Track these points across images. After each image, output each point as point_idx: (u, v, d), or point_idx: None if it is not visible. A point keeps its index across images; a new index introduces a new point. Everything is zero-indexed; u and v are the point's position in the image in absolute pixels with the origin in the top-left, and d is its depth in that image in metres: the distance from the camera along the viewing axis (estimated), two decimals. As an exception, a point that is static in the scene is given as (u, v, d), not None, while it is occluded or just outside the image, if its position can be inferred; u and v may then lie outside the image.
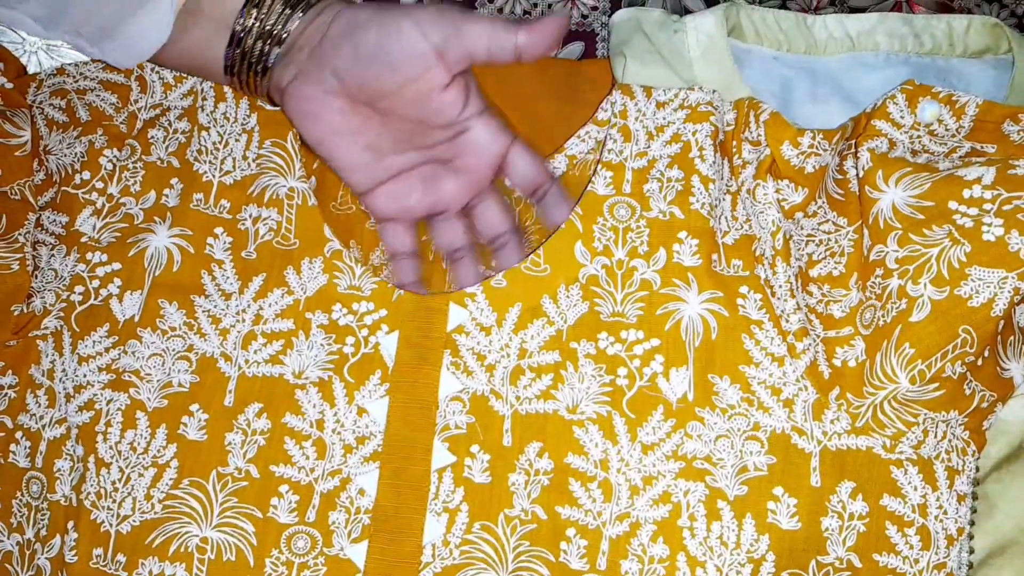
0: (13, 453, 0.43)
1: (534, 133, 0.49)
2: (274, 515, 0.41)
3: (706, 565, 0.40)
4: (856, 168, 0.42)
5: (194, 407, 0.42)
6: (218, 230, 0.45)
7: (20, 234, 0.45)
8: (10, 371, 0.44)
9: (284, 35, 0.42)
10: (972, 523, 0.41)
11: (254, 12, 0.42)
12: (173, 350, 0.43)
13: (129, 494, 0.41)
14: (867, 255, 0.41)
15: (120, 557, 0.40)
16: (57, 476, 0.42)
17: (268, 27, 0.42)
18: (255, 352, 0.43)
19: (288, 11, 0.42)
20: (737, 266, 0.43)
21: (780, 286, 0.43)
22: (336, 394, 0.42)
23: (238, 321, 0.43)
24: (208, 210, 0.45)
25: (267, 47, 0.42)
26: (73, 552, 0.40)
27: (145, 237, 0.44)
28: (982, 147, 0.42)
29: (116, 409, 0.42)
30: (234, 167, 0.46)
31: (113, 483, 0.41)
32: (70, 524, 0.41)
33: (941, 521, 0.40)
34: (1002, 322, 0.39)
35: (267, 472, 0.41)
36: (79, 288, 0.44)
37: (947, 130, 0.42)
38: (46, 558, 0.41)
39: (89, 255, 0.44)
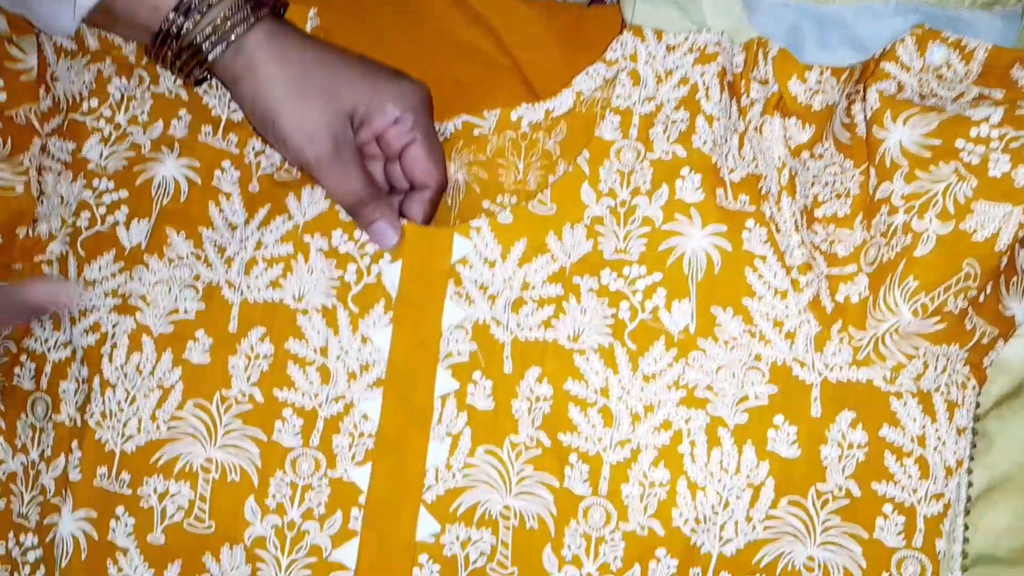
0: (18, 376, 0.43)
1: (541, 77, 0.49)
2: (278, 438, 0.41)
3: (706, 490, 0.40)
4: (864, 111, 0.42)
5: (199, 332, 0.42)
6: (225, 163, 0.45)
7: (25, 158, 0.45)
8: None
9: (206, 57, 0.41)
10: (972, 458, 0.41)
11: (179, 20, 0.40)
12: (180, 279, 0.43)
13: (135, 414, 0.41)
14: (873, 194, 0.41)
15: (125, 475, 0.40)
16: (62, 397, 0.42)
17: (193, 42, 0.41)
18: (256, 278, 0.43)
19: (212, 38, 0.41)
20: (743, 201, 0.44)
21: (785, 221, 0.43)
22: (340, 323, 0.43)
23: (241, 249, 0.44)
24: (216, 143, 0.45)
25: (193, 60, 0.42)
26: (77, 470, 0.40)
27: (152, 166, 0.44)
28: (990, 92, 0.42)
29: (122, 332, 0.42)
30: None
31: (118, 403, 0.41)
32: (74, 443, 0.41)
33: (940, 452, 0.41)
34: (1005, 259, 0.39)
35: (270, 396, 0.41)
36: (85, 214, 0.44)
37: (955, 74, 0.42)
38: (51, 477, 0.41)
39: (96, 182, 0.44)
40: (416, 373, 0.42)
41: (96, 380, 0.41)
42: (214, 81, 0.46)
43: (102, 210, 0.44)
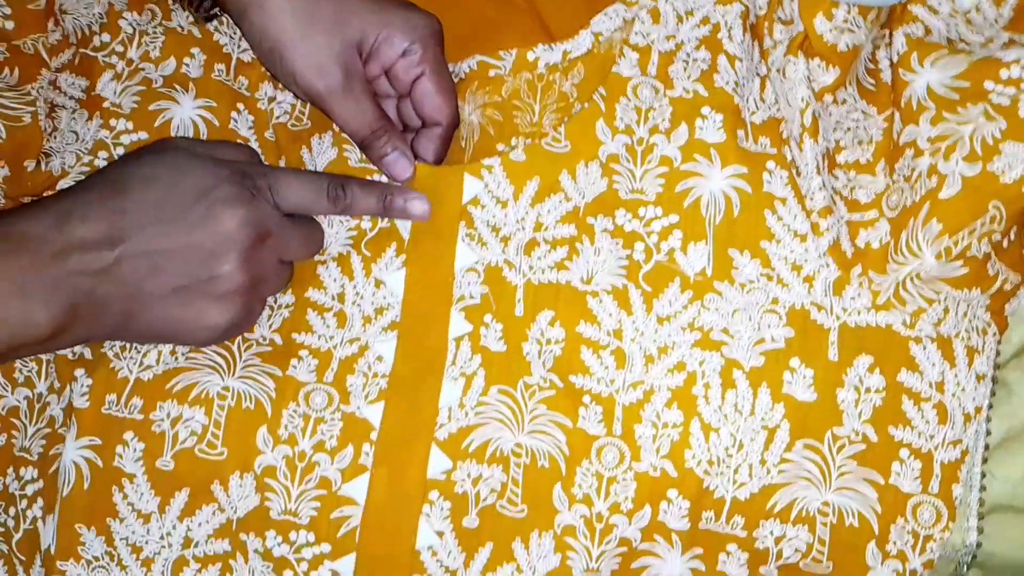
0: None
1: (557, 17, 0.48)
2: (293, 374, 0.41)
3: (720, 431, 0.40)
4: (889, 56, 0.41)
5: None
6: (239, 105, 0.45)
7: (33, 88, 0.44)
8: None
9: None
10: (991, 406, 0.41)
11: None
12: None
13: (155, 347, 0.41)
14: (897, 138, 0.40)
15: (136, 401, 0.40)
16: None
17: None
18: None
19: None
20: (764, 143, 0.43)
21: (806, 164, 0.42)
22: (354, 268, 0.42)
23: None
24: (229, 83, 0.45)
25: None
26: (85, 398, 0.40)
27: (170, 107, 0.44)
28: (1020, 38, 0.41)
29: None
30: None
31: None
32: (80, 372, 0.41)
33: (958, 398, 0.40)
34: None
35: (289, 339, 0.41)
36: (103, 154, 0.43)
37: (985, 19, 0.41)
38: (59, 408, 0.41)
39: (113, 121, 0.44)
40: (429, 316, 0.42)
41: None
42: (225, 18, 0.45)
43: (120, 150, 0.43)
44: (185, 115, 0.44)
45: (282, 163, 0.45)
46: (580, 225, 0.42)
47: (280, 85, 0.45)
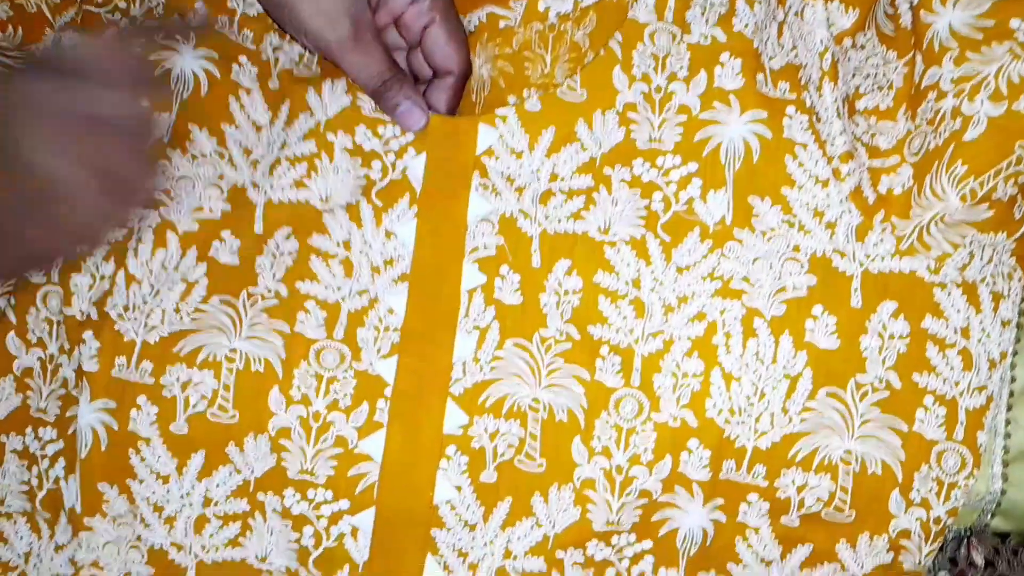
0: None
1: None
2: (301, 330, 0.40)
3: (741, 380, 0.39)
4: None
5: (225, 233, 0.42)
6: (242, 58, 0.44)
7: (37, 48, 0.43)
8: None
9: None
10: (1015, 352, 0.40)
11: None
12: (204, 176, 0.42)
13: (159, 306, 0.40)
14: (919, 82, 0.40)
15: (146, 364, 0.40)
16: (74, 291, 0.41)
17: None
18: (280, 177, 0.42)
19: None
20: (784, 88, 0.42)
21: (826, 109, 0.41)
22: (363, 216, 0.42)
23: (268, 152, 0.43)
24: (232, 35, 0.44)
25: None
26: (94, 361, 0.40)
27: (170, 57, 0.43)
28: (1044, -23, 0.40)
29: (147, 227, 0.42)
30: None
31: (143, 297, 0.41)
32: (88, 334, 0.40)
33: (983, 344, 0.40)
34: None
35: (294, 289, 0.41)
36: None
37: (1006, -43, 0.40)
38: (71, 369, 0.41)
39: None
40: (442, 267, 0.41)
41: (121, 274, 0.41)
42: None
43: None
44: (186, 66, 0.43)
45: (286, 107, 0.44)
46: (597, 175, 0.42)
47: (287, 36, 0.45)
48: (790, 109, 0.42)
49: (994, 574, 0.49)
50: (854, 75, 0.42)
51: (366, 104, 0.43)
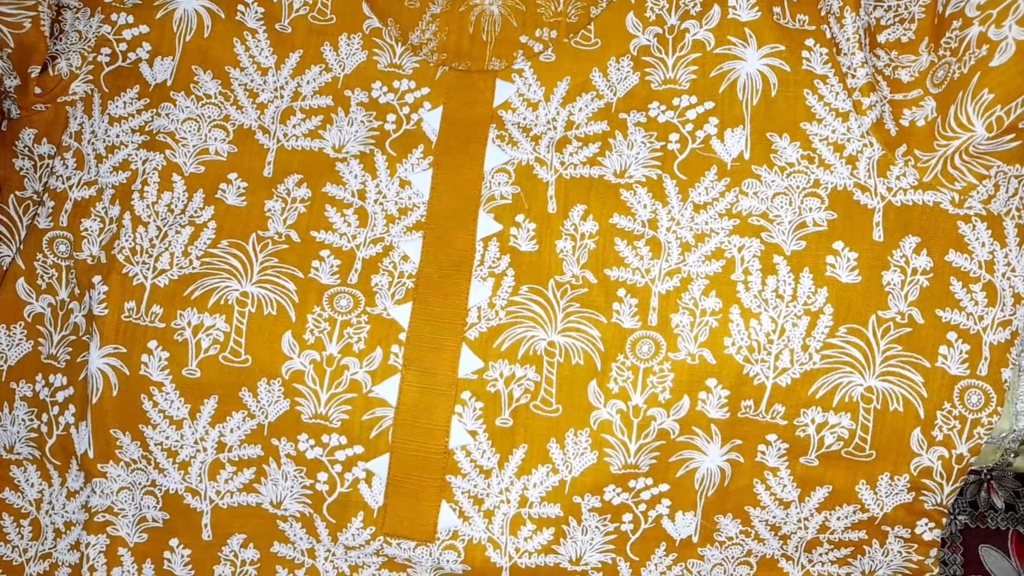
0: (37, 216, 0.42)
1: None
2: (315, 276, 0.40)
3: (760, 317, 0.38)
4: None
5: (232, 175, 0.41)
6: None
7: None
8: (45, 139, 0.43)
9: None
10: (1039, 287, 0.39)
11: None
12: (209, 117, 0.42)
13: (167, 250, 0.40)
14: (943, 10, 0.38)
15: (156, 309, 0.39)
16: (84, 236, 0.41)
17: None
18: (294, 127, 0.42)
19: None
20: (802, 20, 0.41)
21: (847, 39, 0.40)
22: (378, 166, 0.41)
23: (276, 97, 0.42)
24: None
25: None
26: (103, 306, 0.39)
27: None
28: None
29: (152, 169, 0.41)
30: None
31: (150, 240, 0.40)
32: (97, 279, 0.40)
33: (1008, 279, 0.39)
34: None
35: (307, 237, 0.40)
36: (105, 50, 0.43)
37: None
38: (82, 315, 0.41)
39: (114, 16, 0.43)
40: (457, 216, 0.41)
41: (127, 217, 0.40)
42: None
43: (123, 45, 0.43)
44: (189, 6, 0.43)
45: (295, 56, 0.43)
46: (612, 121, 0.41)
47: None
48: (809, 41, 0.40)
49: (1015, 517, 0.49)
50: (875, 7, 0.41)
51: (382, 58, 0.43)
